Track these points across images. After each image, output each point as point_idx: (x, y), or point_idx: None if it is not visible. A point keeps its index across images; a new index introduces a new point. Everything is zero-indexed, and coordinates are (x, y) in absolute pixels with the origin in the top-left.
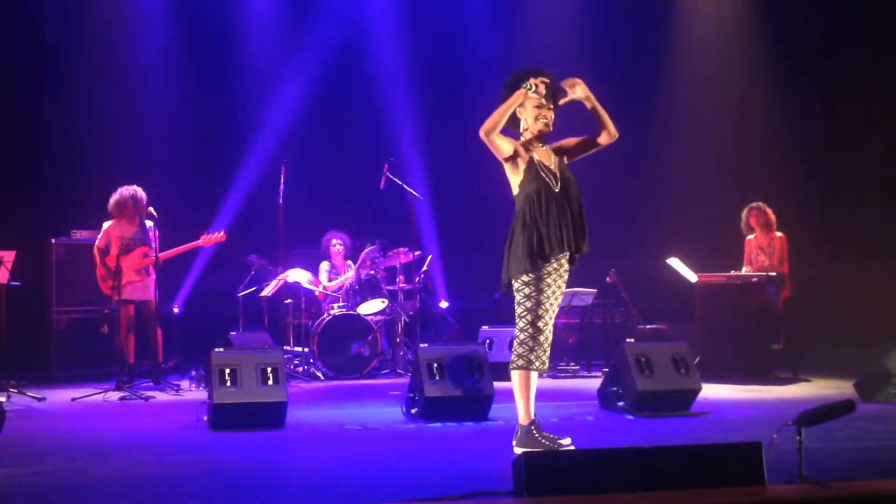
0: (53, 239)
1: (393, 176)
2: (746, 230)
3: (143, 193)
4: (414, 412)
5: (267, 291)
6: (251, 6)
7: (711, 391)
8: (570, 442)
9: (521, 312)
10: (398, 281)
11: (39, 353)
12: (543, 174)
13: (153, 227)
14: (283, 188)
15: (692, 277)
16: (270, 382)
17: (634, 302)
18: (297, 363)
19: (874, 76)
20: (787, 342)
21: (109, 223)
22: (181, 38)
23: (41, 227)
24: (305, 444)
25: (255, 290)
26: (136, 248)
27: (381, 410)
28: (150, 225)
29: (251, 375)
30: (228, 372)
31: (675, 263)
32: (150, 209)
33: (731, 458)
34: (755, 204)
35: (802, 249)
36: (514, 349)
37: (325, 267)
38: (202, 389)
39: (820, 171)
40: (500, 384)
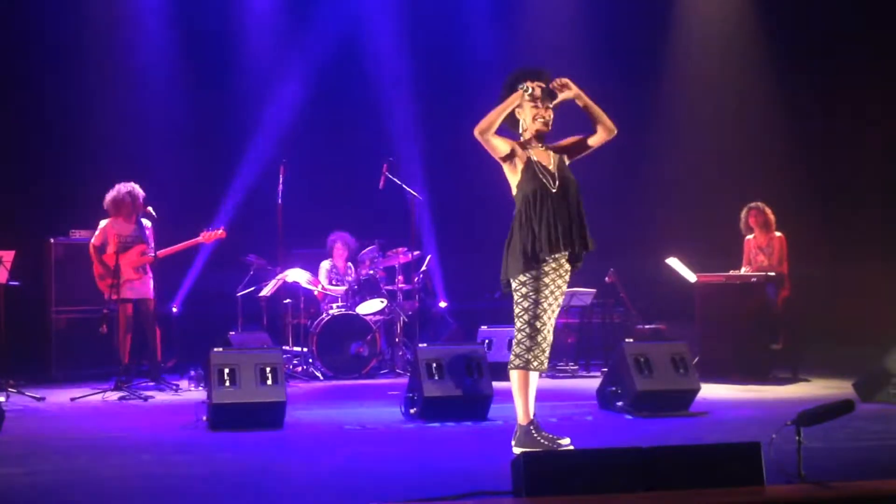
0: (52, 239)
1: (392, 176)
2: (745, 230)
3: (140, 191)
4: (413, 412)
5: (266, 291)
6: (251, 6)
7: (710, 391)
8: (569, 442)
9: (519, 312)
10: (397, 281)
11: (38, 352)
12: (540, 174)
13: (150, 225)
14: (282, 188)
15: (691, 277)
16: (269, 382)
17: (633, 302)
18: (296, 363)
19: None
20: (786, 342)
21: (106, 221)
22: (180, 37)
23: (40, 226)
24: (304, 444)
25: (254, 289)
26: (133, 245)
27: (380, 410)
28: (146, 223)
29: (250, 375)
30: (227, 372)
31: (674, 263)
32: (149, 208)
33: (730, 458)
34: (754, 204)
35: (802, 249)
36: (512, 349)
37: (325, 266)
38: (201, 389)
39: (819, 170)
40: (499, 384)
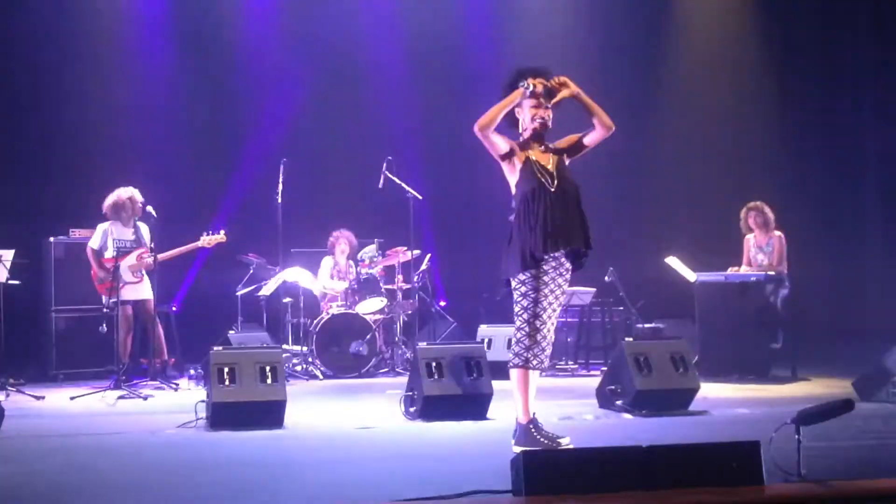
0: (52, 238)
1: (392, 175)
2: (745, 229)
3: (139, 196)
4: (412, 411)
5: (266, 290)
6: (251, 5)
7: (710, 390)
8: (568, 441)
9: (518, 311)
10: (397, 280)
11: (38, 351)
12: (539, 173)
13: (148, 228)
14: (281, 187)
15: (691, 277)
16: (269, 381)
17: (633, 301)
18: (295, 362)
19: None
20: (785, 341)
21: (105, 224)
22: (181, 37)
23: (40, 226)
24: (304, 442)
25: (253, 288)
26: (132, 249)
27: (379, 409)
28: (143, 226)
29: (250, 374)
30: (227, 371)
31: (673, 262)
32: (149, 208)
33: (729, 456)
34: (754, 203)
35: (801, 248)
36: (512, 347)
37: (328, 263)
38: (201, 388)
39: (819, 169)
40: (498, 383)
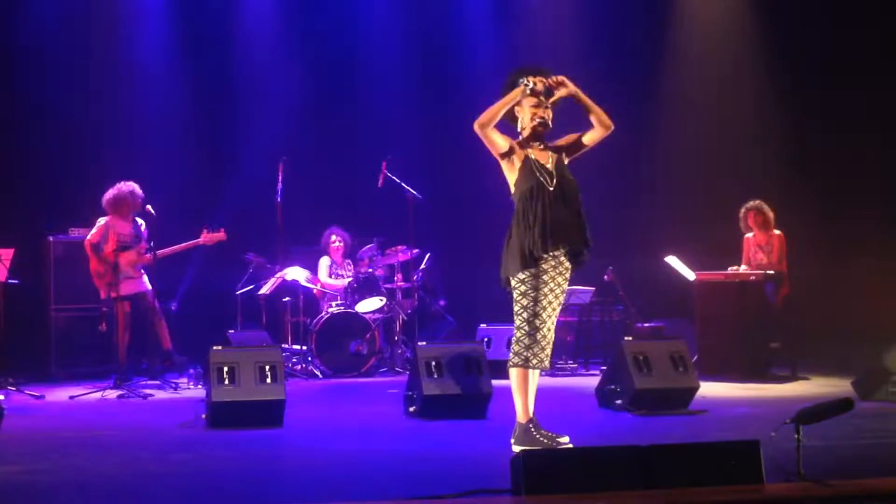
0: (51, 237)
1: (391, 174)
2: (744, 228)
3: (140, 191)
4: (412, 410)
5: (265, 289)
6: (250, 5)
7: (710, 389)
8: (568, 440)
9: (518, 310)
10: (396, 279)
11: (38, 350)
12: (538, 172)
13: (145, 225)
14: (281, 186)
15: (690, 276)
16: (269, 380)
17: (632, 300)
18: (295, 361)
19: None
20: (785, 340)
21: (105, 219)
22: (180, 36)
23: (39, 224)
24: (304, 442)
25: (253, 288)
26: (132, 245)
27: (379, 408)
28: (141, 222)
29: (250, 373)
30: (227, 370)
31: (673, 262)
32: (147, 207)
33: (729, 455)
34: (753, 202)
35: (801, 247)
36: (511, 347)
37: (325, 263)
38: (200, 387)
39: (818, 168)
40: (498, 382)
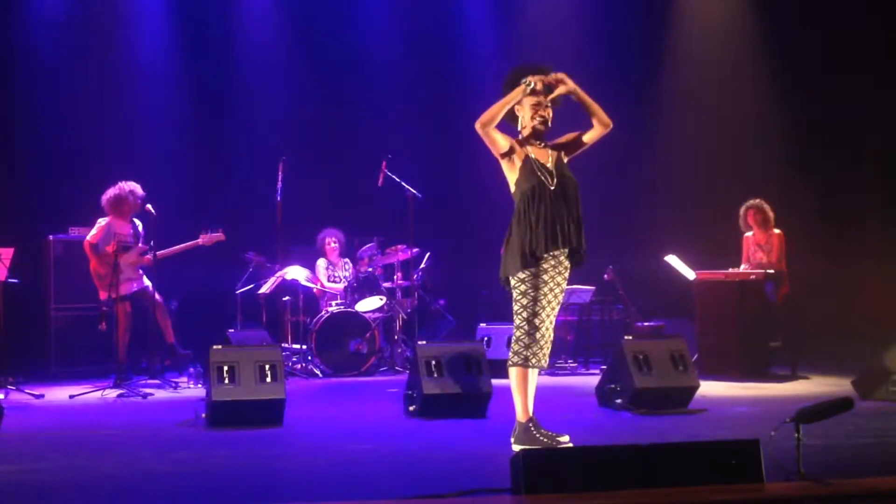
0: (51, 236)
1: (391, 173)
2: (744, 227)
3: (140, 191)
4: (412, 409)
5: (265, 289)
6: (250, 4)
7: (709, 388)
8: (568, 439)
9: (517, 309)
10: (396, 278)
11: (38, 350)
12: (538, 172)
13: (141, 225)
14: (281, 185)
15: (690, 275)
16: (269, 380)
17: (632, 299)
18: (295, 360)
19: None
20: (785, 339)
21: (106, 219)
22: (180, 36)
23: (39, 224)
24: (304, 441)
25: (253, 287)
26: (132, 245)
27: (379, 408)
28: (138, 223)
29: (250, 373)
30: (227, 369)
31: (673, 261)
32: (148, 206)
33: (729, 455)
34: (753, 201)
35: (801, 247)
36: (511, 346)
37: (322, 264)
38: (200, 387)
39: (818, 167)
40: (498, 381)
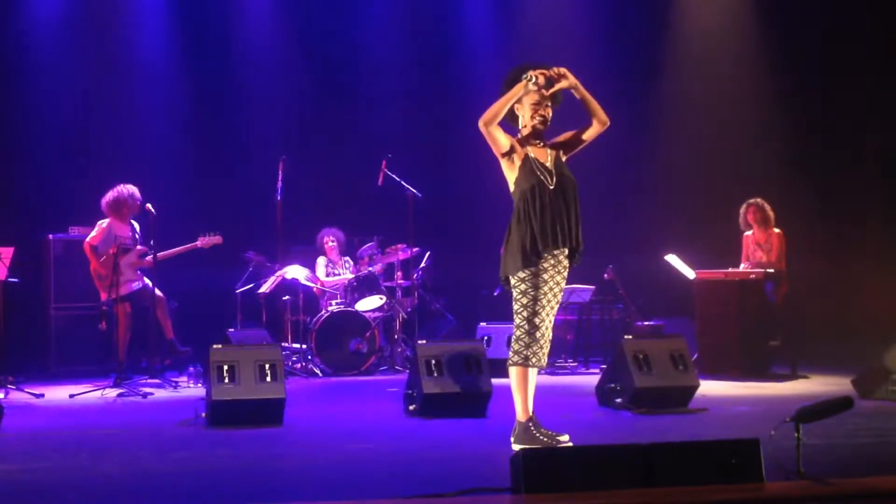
0: (51, 235)
1: (391, 172)
2: (744, 226)
3: (139, 194)
4: (412, 409)
5: (265, 288)
6: (250, 4)
7: (709, 388)
8: (568, 438)
9: (517, 309)
10: (396, 277)
11: (38, 349)
12: (538, 171)
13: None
14: (280, 185)
15: (690, 274)
16: (269, 379)
17: (632, 299)
18: (294, 360)
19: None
20: (785, 339)
21: (106, 221)
22: (180, 35)
23: (39, 223)
24: (303, 440)
25: (252, 286)
26: (132, 247)
27: (379, 407)
28: (136, 225)
29: (250, 372)
30: (227, 368)
31: (673, 260)
32: (148, 206)
33: (729, 454)
34: (753, 200)
35: (801, 247)
36: (511, 346)
37: (321, 262)
38: (200, 386)
39: (818, 167)
40: (498, 381)
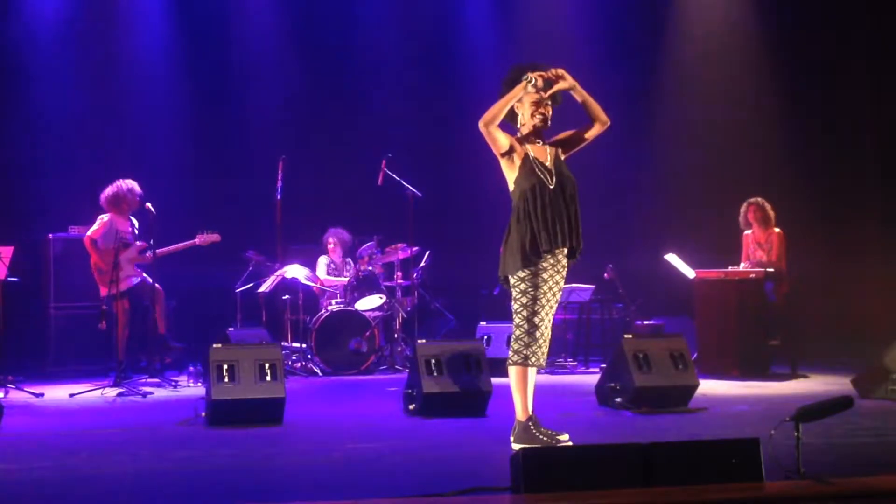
0: (51, 234)
1: (391, 172)
2: (744, 225)
3: (138, 189)
4: (412, 408)
5: (265, 287)
6: (249, 3)
7: (709, 387)
8: (567, 438)
9: (517, 308)
10: (396, 277)
11: (37, 348)
12: (538, 170)
13: (138, 223)
14: (280, 184)
15: (690, 273)
16: (269, 378)
17: (632, 298)
18: (294, 359)
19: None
20: (784, 338)
21: (107, 216)
22: (179, 34)
23: (39, 223)
24: (303, 440)
25: (252, 285)
26: (132, 243)
27: (378, 406)
28: (134, 221)
29: (249, 371)
30: (226, 368)
31: (672, 259)
32: (147, 205)
33: (729, 453)
34: (753, 199)
35: (800, 245)
36: (510, 345)
37: (323, 261)
38: (200, 385)
39: (818, 166)
40: (498, 380)
